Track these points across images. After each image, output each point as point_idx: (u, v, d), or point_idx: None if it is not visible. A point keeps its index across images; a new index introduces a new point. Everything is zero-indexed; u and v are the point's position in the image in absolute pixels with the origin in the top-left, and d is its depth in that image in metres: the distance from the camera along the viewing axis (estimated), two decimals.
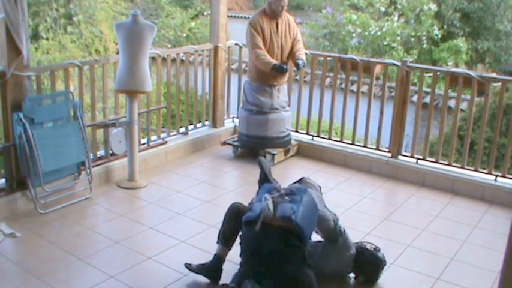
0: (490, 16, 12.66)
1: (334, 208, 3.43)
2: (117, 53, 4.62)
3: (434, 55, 11.94)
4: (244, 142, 5.40)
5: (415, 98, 5.73)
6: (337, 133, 6.22)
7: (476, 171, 4.76)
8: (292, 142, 5.51)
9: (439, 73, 5.36)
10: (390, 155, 5.14)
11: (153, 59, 5.02)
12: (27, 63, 3.93)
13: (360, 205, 4.46)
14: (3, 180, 4.06)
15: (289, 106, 5.44)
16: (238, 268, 3.05)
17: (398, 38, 11.97)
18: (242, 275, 2.93)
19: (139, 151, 4.74)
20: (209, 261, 3.23)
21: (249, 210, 3.04)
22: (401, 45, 11.91)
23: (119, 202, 4.36)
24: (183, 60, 5.41)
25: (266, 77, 5.17)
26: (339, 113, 5.53)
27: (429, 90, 5.33)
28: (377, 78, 7.55)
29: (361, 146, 5.35)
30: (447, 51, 11.74)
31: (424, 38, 12.01)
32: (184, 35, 13.59)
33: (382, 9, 12.63)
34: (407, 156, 5.09)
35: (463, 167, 4.81)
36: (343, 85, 5.90)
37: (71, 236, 3.74)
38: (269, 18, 5.13)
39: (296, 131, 5.71)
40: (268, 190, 3.11)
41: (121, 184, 4.63)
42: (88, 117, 5.46)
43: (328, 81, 7.49)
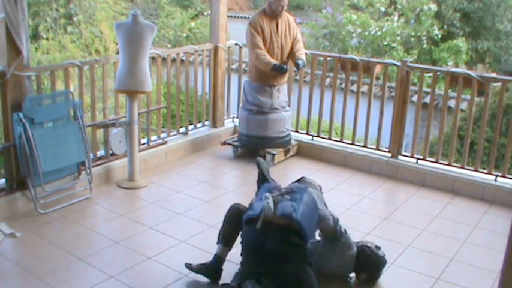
0: (490, 16, 12.66)
1: (334, 208, 3.43)
2: (117, 53, 4.62)
3: (434, 55, 11.94)
4: (244, 142, 5.40)
5: (415, 98, 5.73)
6: (337, 133, 6.22)
7: (476, 171, 4.76)
8: (292, 142, 5.51)
9: (439, 73, 5.36)
10: (390, 155, 5.14)
11: (153, 59, 5.02)
12: (27, 63, 3.93)
13: (360, 205, 4.46)
14: (3, 180, 4.06)
15: (289, 106, 5.44)
16: (238, 268, 3.06)
17: (398, 38, 11.96)
18: (243, 274, 2.94)
19: (139, 151, 4.74)
20: (209, 261, 3.23)
21: (250, 209, 3.05)
22: (401, 45, 11.90)
23: (119, 202, 4.36)
24: (183, 60, 5.41)
25: (266, 77, 5.17)
26: (339, 113, 5.53)
27: (429, 90, 5.33)
28: (377, 78, 7.55)
29: (361, 146, 5.35)
30: (447, 51, 11.74)
31: (424, 38, 12.01)
32: (184, 35, 13.59)
33: (382, 9, 12.63)
34: (407, 156, 5.09)
35: (463, 167, 4.81)
36: (343, 85, 5.90)
37: (71, 236, 3.74)
38: (269, 18, 5.13)
39: (296, 131, 5.71)
40: (269, 189, 3.12)
41: (121, 184, 4.63)
42: (88, 117, 5.46)
43: (328, 81, 7.49)
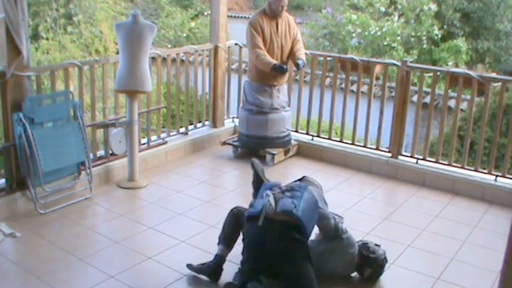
0: (490, 16, 12.66)
1: (334, 208, 3.44)
2: (117, 53, 4.62)
3: (434, 55, 11.94)
4: (244, 142, 5.40)
5: (415, 98, 5.73)
6: (337, 133, 6.22)
7: (476, 171, 4.76)
8: (292, 142, 5.51)
9: (439, 73, 5.36)
10: (390, 155, 5.14)
11: (153, 59, 5.02)
12: (27, 63, 3.93)
13: (360, 205, 4.46)
14: (3, 180, 4.06)
15: (289, 106, 5.44)
16: (238, 267, 3.06)
17: (398, 38, 11.96)
18: (243, 273, 2.95)
19: (139, 151, 4.74)
20: (210, 261, 3.24)
21: (251, 207, 3.07)
22: (401, 45, 11.90)
23: (119, 202, 4.36)
24: (183, 60, 5.41)
25: (266, 77, 5.17)
26: (339, 113, 5.53)
27: (429, 90, 5.33)
28: (377, 78, 7.55)
29: (361, 146, 5.35)
30: (447, 51, 11.74)
31: (424, 38, 12.01)
32: (184, 35, 13.59)
33: (382, 9, 12.62)
34: (407, 156, 5.09)
35: (463, 167, 4.81)
36: (343, 85, 5.90)
37: (71, 236, 3.74)
38: (269, 18, 5.13)
39: (296, 131, 5.71)
40: (270, 187, 3.15)
41: (121, 184, 4.63)
42: (88, 117, 5.46)
43: (328, 81, 7.49)
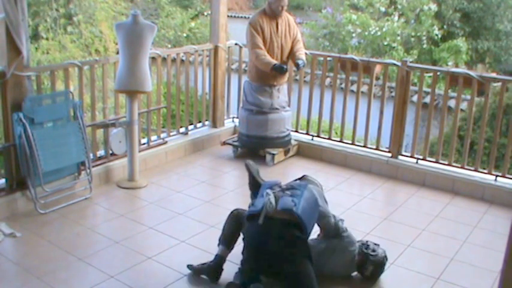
0: (490, 16, 12.66)
1: (334, 208, 3.44)
2: (117, 53, 4.62)
3: (434, 55, 11.94)
4: (244, 142, 5.40)
5: (415, 98, 5.73)
6: (337, 133, 6.22)
7: (476, 171, 4.76)
8: (292, 142, 5.51)
9: (439, 73, 5.36)
10: (390, 155, 5.14)
11: (153, 59, 5.02)
12: (27, 63, 3.93)
13: (360, 205, 4.46)
14: (3, 180, 4.06)
15: (289, 106, 5.44)
16: (238, 267, 3.06)
17: (398, 38, 11.96)
18: (243, 273, 2.95)
19: (139, 151, 4.74)
20: (210, 261, 3.24)
21: (251, 206, 3.07)
22: (401, 45, 11.90)
23: (119, 202, 4.36)
24: (183, 60, 5.41)
25: (266, 77, 5.17)
26: (339, 113, 5.53)
27: (429, 90, 5.33)
28: (377, 78, 7.55)
29: (361, 146, 5.35)
30: (447, 51, 11.74)
31: (424, 38, 12.01)
32: (184, 35, 13.59)
33: (382, 9, 12.62)
34: (407, 156, 5.09)
35: (463, 167, 4.81)
36: (343, 85, 5.90)
37: (71, 236, 3.74)
38: (269, 18, 5.13)
39: (296, 131, 5.71)
40: (270, 186, 3.16)
41: (121, 184, 4.63)
42: (88, 117, 5.46)
43: (328, 81, 7.49)
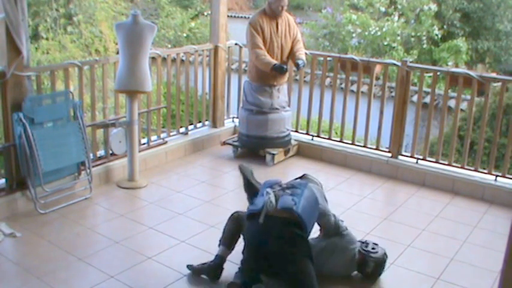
0: (490, 16, 12.66)
1: (334, 208, 3.44)
2: (117, 53, 4.62)
3: (434, 55, 11.94)
4: (244, 142, 5.40)
5: (415, 98, 5.73)
6: (337, 133, 6.22)
7: (476, 171, 4.76)
8: (292, 142, 5.51)
9: (439, 73, 5.36)
10: (390, 155, 5.14)
11: (153, 59, 5.02)
12: (27, 63, 3.93)
13: (360, 205, 4.46)
14: (3, 180, 4.06)
15: (289, 106, 5.44)
16: (238, 267, 3.06)
17: (398, 38, 11.96)
18: (243, 272, 2.95)
19: (139, 151, 4.74)
20: (210, 261, 3.24)
21: (252, 205, 3.07)
22: (401, 45, 11.90)
23: (119, 202, 4.36)
24: (183, 60, 5.41)
25: (266, 77, 5.17)
26: (339, 113, 5.53)
27: (429, 90, 5.33)
28: (377, 78, 7.55)
29: (361, 146, 5.35)
30: (447, 51, 11.74)
31: (424, 38, 12.01)
32: (184, 35, 13.59)
33: (382, 9, 12.63)
34: (407, 156, 5.09)
35: (463, 167, 4.81)
36: (343, 85, 5.90)
37: (71, 236, 3.74)
38: (269, 18, 5.13)
39: (296, 131, 5.71)
40: (270, 185, 3.15)
41: (121, 184, 4.63)
42: (88, 117, 5.46)
43: (328, 81, 7.49)
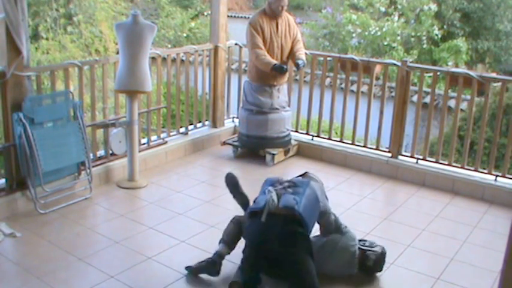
0: (490, 16, 12.66)
1: (335, 208, 3.43)
2: (117, 53, 4.62)
3: (434, 55, 11.94)
4: (244, 142, 5.40)
5: (415, 98, 5.73)
6: (337, 133, 6.22)
7: (476, 171, 4.76)
8: (292, 142, 5.51)
9: (439, 73, 5.36)
10: (390, 155, 5.14)
11: (153, 59, 5.02)
12: (27, 63, 3.93)
13: (360, 205, 4.46)
14: (3, 180, 4.06)
15: (289, 106, 5.43)
16: (238, 266, 3.06)
17: (399, 38, 11.96)
18: (244, 271, 2.95)
19: (139, 151, 4.74)
20: (208, 257, 3.24)
21: (254, 203, 3.07)
22: (401, 45, 11.90)
23: (119, 202, 4.36)
24: (183, 60, 5.41)
25: (266, 77, 5.17)
26: (339, 113, 5.53)
27: (429, 90, 5.33)
28: (377, 78, 7.55)
29: (361, 146, 5.35)
30: (447, 51, 11.74)
31: (424, 38, 12.01)
32: (184, 35, 13.59)
33: (382, 9, 12.62)
34: (407, 156, 5.09)
35: (463, 167, 4.80)
36: (343, 85, 5.89)
37: (71, 236, 3.74)
38: (269, 18, 5.12)
39: (296, 131, 5.71)
40: (271, 183, 3.16)
41: (121, 184, 4.63)
42: (88, 117, 5.46)
43: (328, 81, 7.49)
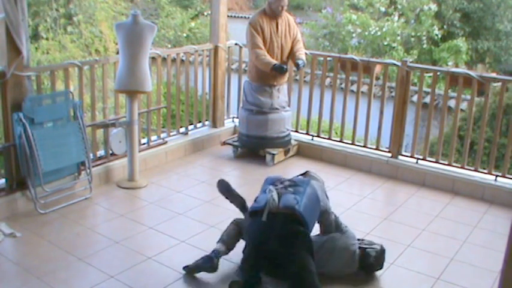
0: (490, 16, 12.66)
1: (334, 208, 3.43)
2: (117, 53, 4.62)
3: (434, 55, 11.94)
4: (244, 142, 5.40)
5: (415, 98, 5.73)
6: (337, 133, 6.22)
7: (476, 171, 4.76)
8: (292, 142, 5.51)
9: (439, 73, 5.36)
10: (390, 155, 5.14)
11: (153, 59, 5.02)
12: (27, 63, 3.93)
13: (360, 205, 4.46)
14: (3, 180, 4.06)
15: (289, 106, 5.43)
16: (238, 265, 3.06)
17: (399, 38, 11.96)
18: (244, 270, 2.95)
19: (139, 151, 4.74)
20: (205, 254, 3.25)
21: (254, 202, 3.07)
22: (401, 45, 11.90)
23: (119, 202, 4.36)
24: (183, 60, 5.41)
25: (266, 77, 5.17)
26: (339, 113, 5.53)
27: (429, 90, 5.33)
28: (377, 78, 7.55)
29: (361, 146, 5.35)
30: (447, 51, 11.74)
31: (424, 38, 12.01)
32: (184, 35, 13.59)
33: (382, 9, 12.63)
34: (407, 156, 5.09)
35: (463, 167, 4.80)
36: (343, 85, 5.90)
37: (71, 236, 3.74)
38: (269, 18, 5.12)
39: (296, 131, 5.70)
40: (272, 182, 3.16)
41: (121, 184, 4.63)
42: (88, 117, 5.46)
43: (328, 81, 7.49)
